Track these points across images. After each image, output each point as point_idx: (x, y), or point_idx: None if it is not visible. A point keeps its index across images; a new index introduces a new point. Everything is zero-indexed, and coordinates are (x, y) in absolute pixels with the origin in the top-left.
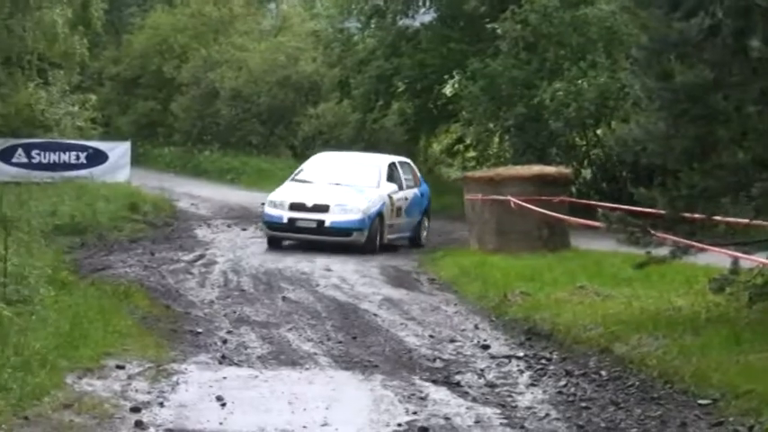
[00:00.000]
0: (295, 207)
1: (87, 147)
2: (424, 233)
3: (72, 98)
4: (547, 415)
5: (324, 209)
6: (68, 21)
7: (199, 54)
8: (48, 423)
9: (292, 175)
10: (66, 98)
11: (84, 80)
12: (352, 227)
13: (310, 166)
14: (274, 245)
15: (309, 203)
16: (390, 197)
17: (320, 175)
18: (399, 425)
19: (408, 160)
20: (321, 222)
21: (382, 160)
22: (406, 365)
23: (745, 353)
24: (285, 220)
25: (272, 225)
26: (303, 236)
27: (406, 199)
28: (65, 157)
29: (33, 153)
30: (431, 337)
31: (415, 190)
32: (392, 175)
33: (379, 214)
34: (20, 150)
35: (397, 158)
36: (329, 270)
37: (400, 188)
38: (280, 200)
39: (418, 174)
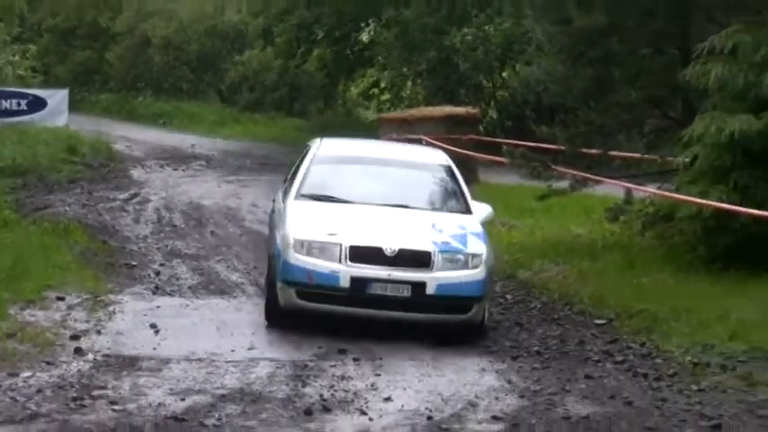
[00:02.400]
0: (362, 255)
1: (27, 94)
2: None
3: (12, 48)
4: (456, 335)
5: (421, 259)
6: None
7: (132, 5)
8: None
9: (296, 184)
10: (6, 48)
11: (24, 31)
12: (474, 294)
13: (323, 170)
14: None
15: (390, 248)
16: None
17: (354, 187)
18: (319, 347)
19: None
20: (420, 287)
21: (440, 156)
22: None
23: (637, 276)
24: (347, 283)
25: (312, 291)
26: (382, 313)
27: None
28: (6, 104)
29: None
30: None
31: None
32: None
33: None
34: None
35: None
36: (255, 206)
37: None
38: (317, 238)
39: None
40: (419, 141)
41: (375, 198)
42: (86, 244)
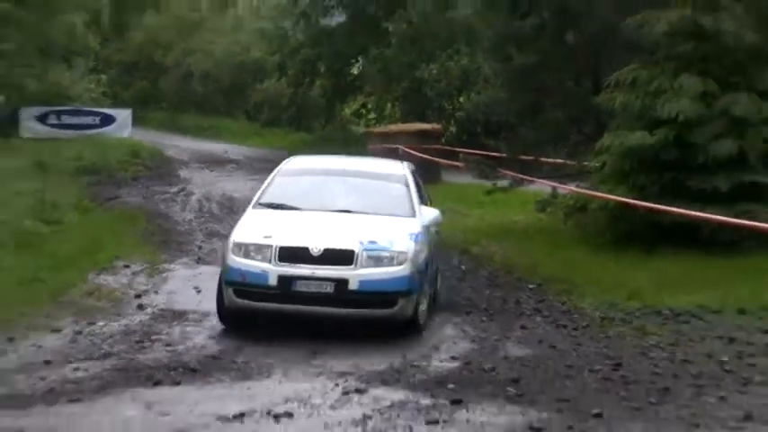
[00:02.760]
0: (290, 255)
1: (100, 112)
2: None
3: (89, 78)
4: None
5: (345, 257)
6: (85, 22)
7: (179, 45)
8: (76, 306)
9: (258, 195)
10: (84, 78)
11: (98, 64)
12: (398, 289)
13: (284, 182)
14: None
15: (316, 247)
16: (432, 232)
17: (307, 196)
18: None
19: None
20: (342, 283)
21: (399, 167)
22: None
23: (560, 253)
24: (274, 281)
25: (247, 290)
26: (309, 309)
27: (437, 232)
28: (84, 120)
29: (62, 117)
30: None
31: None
32: (421, 192)
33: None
34: (52, 115)
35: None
36: None
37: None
38: (253, 240)
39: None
40: (397, 150)
41: (324, 205)
42: (146, 226)
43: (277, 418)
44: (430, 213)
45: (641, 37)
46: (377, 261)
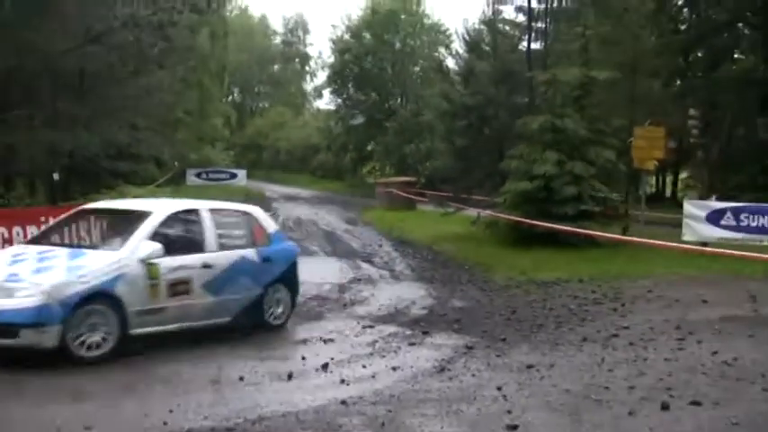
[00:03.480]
0: None
1: (229, 171)
2: (280, 309)
3: (223, 152)
4: (407, 273)
5: None
6: (222, 123)
7: (272, 135)
8: None
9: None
10: (222, 152)
11: (228, 146)
12: (19, 320)
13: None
14: None
15: None
16: (149, 265)
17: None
18: (350, 278)
19: (245, 208)
20: None
21: (158, 206)
22: (352, 254)
23: (482, 249)
24: None
25: None
26: None
27: (211, 267)
28: (221, 175)
29: (209, 174)
30: (362, 243)
31: (246, 252)
32: (170, 233)
33: (105, 295)
34: (204, 173)
35: (195, 205)
36: (323, 218)
37: (196, 251)
38: None
39: (267, 228)
40: (391, 192)
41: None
42: None
43: (325, 341)
44: (148, 248)
45: (524, 130)
46: (6, 292)
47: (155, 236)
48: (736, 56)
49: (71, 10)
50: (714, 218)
